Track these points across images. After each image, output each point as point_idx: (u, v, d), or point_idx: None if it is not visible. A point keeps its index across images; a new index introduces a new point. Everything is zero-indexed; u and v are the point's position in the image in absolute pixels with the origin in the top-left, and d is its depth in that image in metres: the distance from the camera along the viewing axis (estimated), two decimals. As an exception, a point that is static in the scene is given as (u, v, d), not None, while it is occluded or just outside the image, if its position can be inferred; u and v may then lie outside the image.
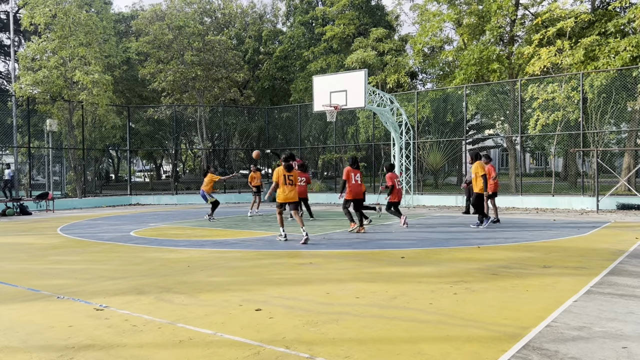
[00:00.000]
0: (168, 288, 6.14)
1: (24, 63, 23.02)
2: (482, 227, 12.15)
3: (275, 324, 4.62)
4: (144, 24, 30.24)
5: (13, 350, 4.04)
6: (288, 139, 32.41)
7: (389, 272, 6.92)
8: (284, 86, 34.22)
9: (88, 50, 23.19)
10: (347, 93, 16.75)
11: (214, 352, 3.94)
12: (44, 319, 4.91)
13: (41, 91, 22.44)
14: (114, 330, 4.51)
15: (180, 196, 25.27)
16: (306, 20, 30.82)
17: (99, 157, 28.99)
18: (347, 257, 8.29)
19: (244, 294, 5.77)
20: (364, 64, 25.03)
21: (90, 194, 25.11)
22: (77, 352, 3.98)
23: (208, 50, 28.75)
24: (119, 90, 29.94)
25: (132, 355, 3.89)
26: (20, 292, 6.13)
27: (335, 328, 4.48)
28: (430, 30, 24.62)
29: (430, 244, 9.54)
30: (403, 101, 23.18)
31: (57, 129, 23.80)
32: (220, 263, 7.87)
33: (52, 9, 22.30)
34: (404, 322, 4.64)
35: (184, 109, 29.58)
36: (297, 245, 9.68)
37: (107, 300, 5.58)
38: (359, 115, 25.26)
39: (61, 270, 7.54)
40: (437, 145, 23.90)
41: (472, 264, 7.42)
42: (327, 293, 5.77)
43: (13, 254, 9.23)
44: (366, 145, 25.67)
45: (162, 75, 28.27)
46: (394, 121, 18.90)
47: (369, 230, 11.93)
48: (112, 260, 8.31)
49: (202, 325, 4.62)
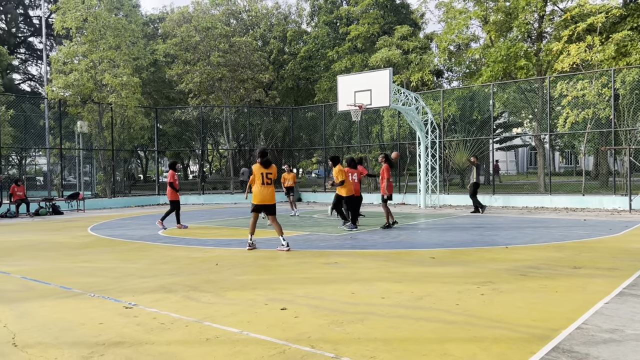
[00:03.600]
0: (195, 287, 6.22)
1: (56, 66, 23.61)
2: (346, 227, 12.17)
3: (300, 323, 4.64)
4: (172, 27, 30.69)
5: (46, 347, 4.15)
6: (312, 139, 32.45)
7: (415, 273, 6.87)
8: (309, 86, 34.28)
9: (117, 53, 23.66)
10: (371, 92, 16.68)
11: (240, 350, 3.97)
12: (76, 316, 5.03)
13: (72, 94, 22.98)
14: (142, 328, 4.59)
15: (207, 196, 25.56)
16: (330, 20, 30.80)
17: (128, 158, 29.51)
18: (372, 257, 8.26)
19: (269, 293, 5.80)
20: (388, 63, 24.89)
21: (119, 194, 25.61)
22: (107, 348, 4.07)
23: (234, 52, 29.00)
24: (146, 92, 30.43)
25: (160, 353, 3.95)
26: (53, 289, 6.29)
27: (361, 328, 4.47)
28: (456, 28, 24.33)
29: (457, 244, 9.44)
30: (428, 99, 22.98)
31: (87, 131, 24.34)
32: (246, 262, 7.94)
33: (83, 13, 22.81)
34: (430, 322, 4.61)
35: (210, 109, 29.90)
36: (321, 244, 9.69)
37: (136, 298, 5.69)
38: (383, 114, 25.14)
39: (92, 268, 7.72)
40: (464, 144, 23.61)
41: (499, 265, 7.31)
42: (353, 293, 5.76)
43: (46, 252, 9.48)
44: (391, 145, 25.53)
45: (189, 77, 28.64)
46: (419, 120, 18.76)
47: (393, 231, 11.86)
48: (140, 259, 8.46)
49: (229, 323, 4.67)
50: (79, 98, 23.19)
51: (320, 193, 25.09)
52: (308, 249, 9.20)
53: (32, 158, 36.18)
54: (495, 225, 12.58)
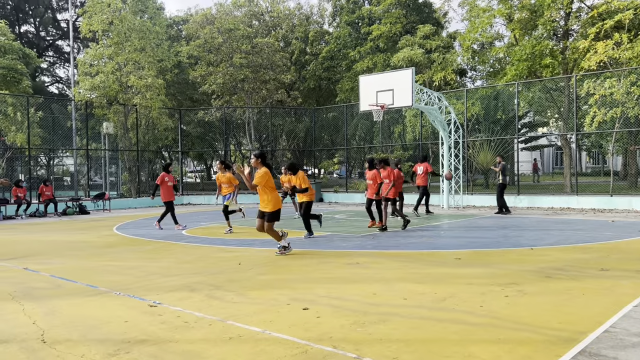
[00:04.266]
0: (218, 286, 6.28)
1: (83, 69, 24.09)
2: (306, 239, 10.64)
3: (322, 323, 4.64)
4: (195, 28, 31.02)
5: (74, 344, 4.24)
6: (334, 139, 32.43)
7: (438, 273, 6.82)
8: (330, 86, 34.28)
9: (142, 55, 24.02)
10: (393, 92, 16.60)
11: (263, 349, 4.00)
12: (102, 314, 5.12)
13: (98, 95, 23.41)
14: (167, 326, 4.65)
15: (230, 196, 25.70)
16: (352, 20, 30.76)
17: (152, 159, 29.92)
18: (394, 257, 8.23)
19: (291, 293, 5.82)
20: (410, 62, 24.75)
21: (144, 194, 25.97)
22: (133, 346, 4.14)
23: (256, 53, 29.18)
24: (170, 94, 30.81)
25: (184, 351, 4.00)
26: (80, 288, 6.42)
27: (383, 329, 4.45)
28: (480, 27, 24.05)
29: (480, 245, 9.33)
30: (451, 99, 22.77)
31: (113, 132, 24.77)
32: (268, 262, 7.98)
33: (109, 16, 23.23)
34: (454, 324, 4.57)
35: (233, 110, 30.13)
36: (343, 244, 9.68)
37: (160, 297, 5.77)
38: (405, 114, 24.99)
39: (117, 267, 7.85)
40: (488, 144, 23.33)
41: (524, 266, 7.21)
42: (374, 293, 5.74)
43: (73, 251, 9.68)
44: (413, 145, 25.37)
45: (212, 78, 28.91)
46: (442, 119, 18.59)
47: (416, 232, 11.78)
48: (165, 258, 8.57)
49: (251, 322, 4.70)
50: (104, 100, 23.62)
51: (342, 193, 25.07)
52: (330, 249, 9.20)
53: (60, 159, 36.97)
54: (520, 226, 12.39)
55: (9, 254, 9.45)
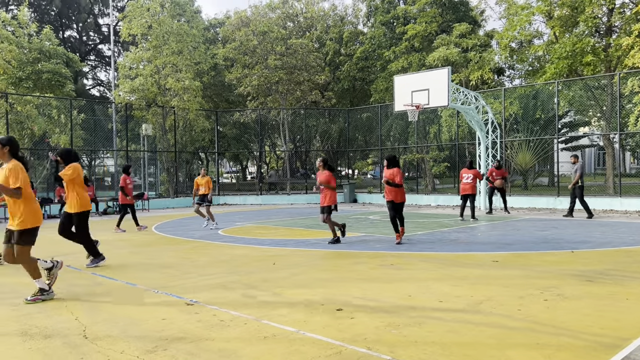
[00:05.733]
0: (253, 285, 6.34)
1: (123, 72, 24.75)
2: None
3: (356, 325, 4.63)
4: (230, 31, 31.44)
5: (114, 340, 4.36)
6: (368, 140, 32.30)
7: (474, 276, 6.70)
8: (364, 87, 34.15)
9: (179, 58, 24.51)
10: (429, 92, 16.42)
11: (297, 349, 4.02)
12: (141, 312, 5.25)
13: (137, 98, 24.01)
14: (203, 325, 4.73)
15: (265, 197, 25.99)
16: (387, 20, 30.55)
17: (190, 159, 30.50)
18: (429, 259, 8.13)
19: (325, 293, 5.83)
20: (446, 62, 24.42)
21: (181, 194, 26.49)
22: (170, 343, 4.22)
23: (290, 54, 29.35)
24: (207, 96, 31.31)
25: (220, 349, 4.06)
26: (120, 285, 6.59)
27: (418, 331, 4.41)
28: (519, 24, 23.52)
29: (519, 248, 9.13)
30: (489, 98, 22.35)
31: (151, 133, 25.35)
32: (302, 262, 8.01)
33: (148, 20, 23.80)
34: (491, 328, 4.48)
35: (268, 112, 30.39)
36: (377, 245, 9.63)
37: (196, 295, 5.86)
38: (441, 114, 24.68)
39: (156, 265, 8.03)
40: (527, 144, 22.81)
41: (564, 269, 7.01)
42: (409, 295, 5.69)
43: (113, 250, 9.95)
44: (449, 145, 25.03)
45: (248, 80, 29.23)
46: (479, 119, 18.27)
47: (451, 234, 11.61)
48: (201, 258, 8.72)
49: (285, 322, 4.73)
50: (144, 102, 24.21)
51: (376, 194, 24.94)
52: (364, 250, 9.17)
53: (101, 159, 38.10)
54: (560, 229, 12.06)
55: (52, 252, 9.79)
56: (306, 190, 27.22)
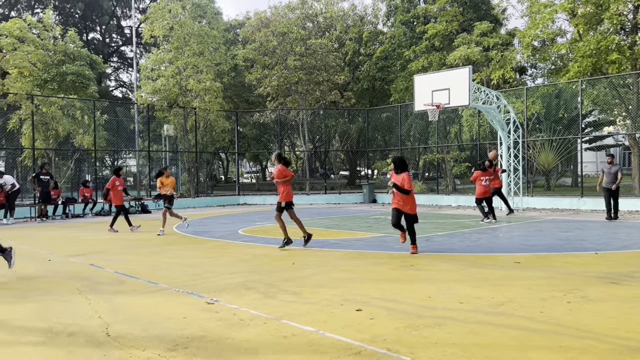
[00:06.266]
0: (273, 285, 6.37)
1: (145, 73, 25.09)
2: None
3: (375, 325, 4.62)
4: (250, 32, 31.62)
5: (136, 337, 4.42)
6: (387, 140, 32.17)
7: (496, 277, 6.63)
8: (384, 86, 34.03)
9: (200, 59, 24.74)
10: (449, 91, 16.28)
11: (317, 349, 4.02)
12: (162, 310, 5.31)
13: (159, 99, 24.31)
14: (223, 324, 4.77)
15: (284, 197, 26.02)
16: (407, 20, 30.38)
17: (210, 160, 30.79)
18: (450, 260, 8.07)
19: (344, 294, 5.83)
20: (467, 61, 24.18)
21: (202, 194, 26.74)
22: (191, 342, 4.27)
23: (310, 55, 29.40)
24: (227, 96, 31.55)
25: (240, 348, 4.09)
26: (142, 284, 6.68)
27: (438, 332, 4.38)
28: (541, 22, 23.17)
29: (541, 249, 9.00)
30: (510, 98, 22.07)
31: (173, 134, 25.64)
32: (321, 262, 8.02)
33: (169, 22, 24.09)
34: (512, 329, 4.43)
35: (287, 112, 30.50)
36: (397, 246, 9.58)
37: (217, 294, 5.91)
38: (462, 114, 24.45)
39: (177, 264, 8.12)
40: (549, 144, 22.47)
41: (588, 271, 6.89)
42: (429, 297, 5.65)
43: (136, 249, 10.09)
44: (470, 145, 24.78)
45: (267, 81, 29.37)
46: (500, 119, 18.06)
47: (472, 234, 11.50)
48: (221, 257, 8.79)
49: (305, 322, 4.74)
50: (165, 103, 24.49)
51: (396, 194, 24.79)
52: (383, 251, 9.14)
53: (124, 160, 38.64)
54: (584, 230, 11.85)
55: (76, 250, 9.96)
56: (325, 190, 27.23)
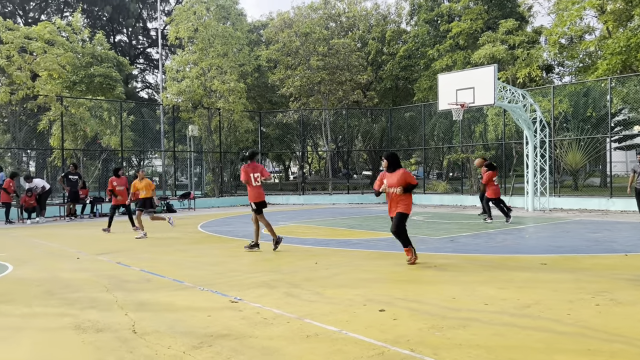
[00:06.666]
0: (296, 284, 6.39)
1: (170, 74, 25.42)
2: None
3: (399, 326, 4.60)
4: (274, 32, 31.77)
5: (161, 335, 4.48)
6: (411, 140, 31.95)
7: (521, 279, 6.53)
8: (407, 86, 33.82)
9: (224, 60, 24.96)
10: (474, 90, 16.10)
11: (339, 349, 4.02)
12: (187, 308, 5.38)
13: (184, 100, 24.61)
14: (247, 322, 4.80)
15: (307, 196, 26.14)
16: (431, 18, 30.13)
17: (234, 160, 31.02)
18: (474, 261, 7.98)
19: (367, 294, 5.81)
20: (492, 59, 23.86)
21: (226, 193, 26.97)
22: (215, 340, 4.31)
23: (333, 54, 29.39)
24: (251, 97, 31.76)
25: (263, 347, 4.11)
26: (167, 282, 6.78)
27: (462, 334, 4.34)
28: (569, 20, 22.73)
29: (569, 250, 8.83)
30: (537, 96, 21.69)
31: (197, 134, 25.93)
32: (344, 262, 8.01)
33: (194, 24, 24.36)
34: (538, 332, 4.36)
35: (310, 112, 30.55)
36: (420, 247, 9.51)
37: (241, 293, 5.96)
38: (487, 113, 24.13)
39: (201, 263, 8.21)
40: (577, 143, 22.03)
41: (617, 273, 6.73)
42: (453, 298, 5.60)
43: (161, 247, 10.24)
44: (495, 145, 24.45)
45: (290, 81, 29.47)
46: (526, 118, 17.78)
47: (498, 235, 11.35)
48: (245, 256, 8.85)
49: (328, 322, 4.74)
50: (190, 104, 24.78)
51: (419, 194, 24.66)
52: (407, 251, 9.07)
53: (149, 160, 39.25)
54: (613, 231, 11.59)
55: (104, 249, 10.16)
56: (348, 190, 27.21)
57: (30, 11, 43.11)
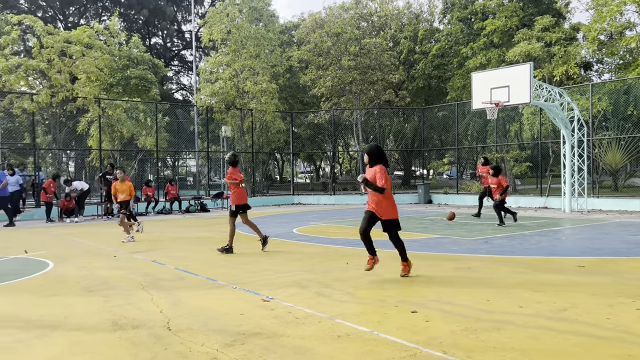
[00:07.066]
0: (327, 284, 6.40)
1: (204, 76, 25.83)
2: None
3: (431, 328, 4.55)
4: (305, 33, 31.88)
5: (195, 332, 4.56)
6: (443, 139, 31.56)
7: (557, 281, 6.37)
8: (440, 85, 33.43)
9: (257, 61, 25.20)
10: (509, 88, 15.80)
11: (371, 350, 4.01)
12: (220, 306, 5.45)
13: (217, 101, 24.96)
14: (278, 321, 4.84)
15: (338, 196, 26.13)
16: (464, 16, 29.70)
17: (266, 160, 31.32)
18: (509, 263, 7.83)
19: (399, 295, 5.77)
20: (528, 57, 23.35)
21: (258, 193, 27.21)
22: (247, 338, 4.36)
23: (364, 54, 29.29)
24: (282, 97, 31.94)
25: (295, 346, 4.13)
26: (201, 280, 6.88)
27: (496, 337, 4.26)
28: (608, 15, 22.06)
29: (608, 253, 8.57)
30: (574, 94, 21.12)
31: (230, 135, 26.25)
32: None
33: (227, 25, 24.68)
34: (576, 336, 4.24)
35: (341, 112, 30.53)
36: (453, 248, 9.40)
37: (272, 292, 6.01)
38: (522, 112, 23.64)
39: (234, 262, 8.31)
40: (617, 143, 21.36)
41: (660, 277, 6.49)
42: (487, 300, 5.51)
43: (195, 246, 10.41)
44: (531, 144, 23.93)
45: (322, 81, 29.51)
46: (564, 117, 17.34)
47: (533, 237, 11.10)
48: (277, 255, 8.91)
49: (359, 322, 4.73)
50: (223, 105, 25.12)
51: (452, 195, 24.34)
52: (439, 253, 8.98)
53: (184, 160, 39.95)
54: (655, 233, 11.19)
55: (139, 247, 10.39)
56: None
57: (70, 16, 44.44)
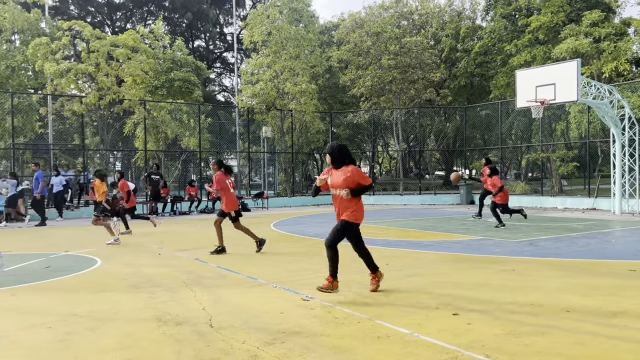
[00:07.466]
0: (366, 284, 6.38)
1: (245, 78, 26.20)
2: None
3: (473, 330, 4.47)
4: (345, 33, 31.86)
5: (236, 330, 4.63)
6: (486, 139, 30.91)
7: (607, 286, 6.14)
8: (483, 83, 32.76)
9: (296, 62, 25.37)
10: (555, 86, 15.34)
11: (411, 351, 3.97)
12: (261, 305, 5.52)
13: (258, 102, 25.27)
14: (318, 320, 4.86)
15: (377, 197, 25.99)
16: (508, 13, 29.02)
17: (305, 160, 31.48)
18: (555, 265, 7.60)
19: (440, 297, 5.70)
20: (575, 54, 22.59)
21: (298, 193, 27.39)
22: (287, 336, 4.39)
23: (404, 53, 29.02)
24: (322, 98, 32.02)
25: (334, 345, 4.14)
26: (242, 279, 6.98)
27: (541, 341, 4.15)
28: (662, 8, 21.11)
29: (661, 257, 8.20)
30: (625, 92, 20.29)
31: (270, 135, 26.53)
32: (416, 264, 7.90)
33: (267, 27, 24.96)
34: (626, 342, 4.08)
35: (381, 112, 30.35)
36: (496, 250, 9.20)
37: (312, 291, 6.03)
38: (569, 110, 22.88)
39: (274, 261, 8.39)
40: (671, 142, 20.37)
41: None
42: (532, 304, 5.36)
43: (236, 246, 10.57)
44: (579, 143, 23.15)
45: (361, 81, 29.42)
46: (613, 115, 16.69)
47: (580, 239, 10.73)
48: (316, 255, 8.94)
49: (399, 324, 4.70)
50: (264, 106, 25.41)
51: (496, 195, 23.77)
52: (482, 254, 8.80)
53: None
54: None
55: (183, 246, 10.64)
56: (420, 190, 26.78)
57: (117, 20, 45.94)
